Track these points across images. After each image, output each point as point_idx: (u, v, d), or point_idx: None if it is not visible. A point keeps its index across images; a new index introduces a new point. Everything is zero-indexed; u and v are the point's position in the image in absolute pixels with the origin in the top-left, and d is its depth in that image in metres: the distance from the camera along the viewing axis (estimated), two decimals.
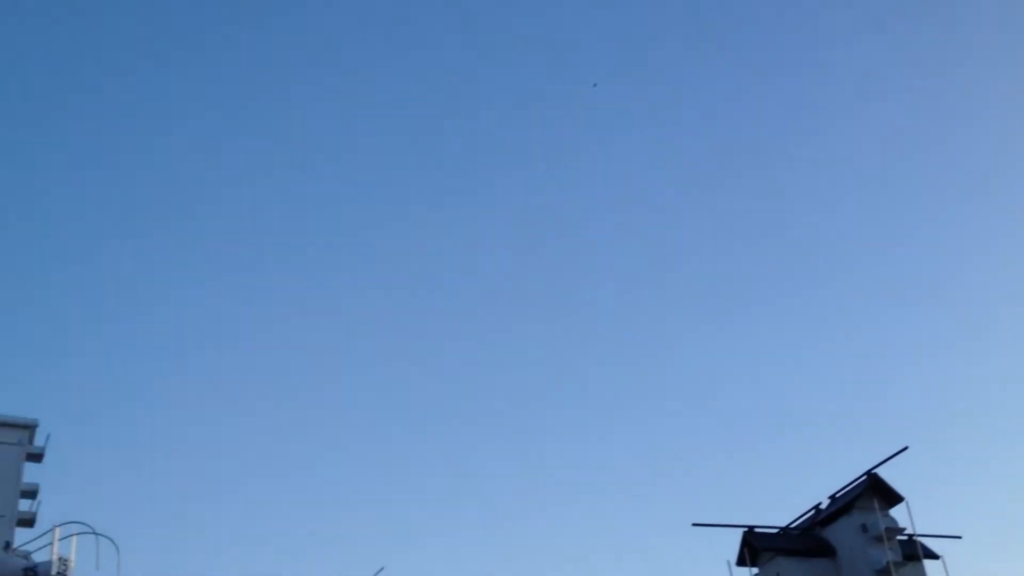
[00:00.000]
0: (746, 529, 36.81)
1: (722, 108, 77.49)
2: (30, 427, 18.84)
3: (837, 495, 37.20)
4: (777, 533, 37.58)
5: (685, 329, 77.41)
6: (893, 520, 35.50)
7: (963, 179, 79.30)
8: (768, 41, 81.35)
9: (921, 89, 78.70)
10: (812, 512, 37.79)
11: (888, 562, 34.17)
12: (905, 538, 35.65)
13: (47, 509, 18.44)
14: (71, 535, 15.18)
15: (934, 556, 35.88)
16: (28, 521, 17.88)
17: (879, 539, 34.84)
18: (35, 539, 16.33)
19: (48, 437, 18.90)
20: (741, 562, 36.51)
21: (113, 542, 13.20)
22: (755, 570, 36.28)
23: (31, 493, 18.83)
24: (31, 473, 19.40)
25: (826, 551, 36.26)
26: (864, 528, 35.22)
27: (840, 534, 36.23)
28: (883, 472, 35.84)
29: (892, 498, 35.85)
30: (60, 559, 14.71)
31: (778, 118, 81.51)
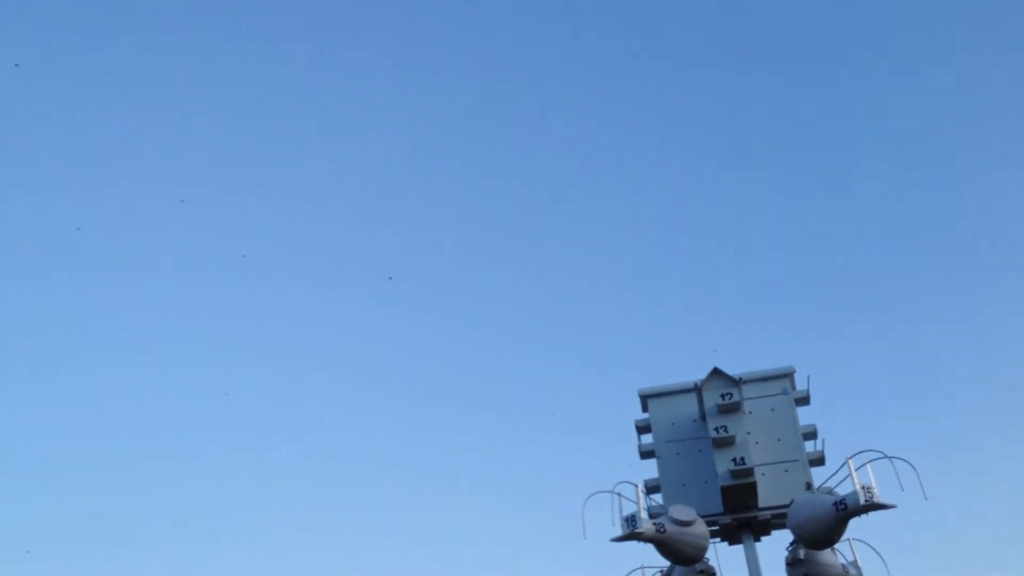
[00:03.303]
0: None
1: None
2: (788, 375, 18.14)
3: None
4: None
5: None
6: None
7: None
8: None
9: None
10: None
11: None
12: None
13: (830, 446, 17.49)
14: (864, 464, 13.89)
15: None
16: (817, 460, 17.00)
17: None
18: (831, 477, 15.39)
19: (808, 379, 18.16)
20: None
21: (909, 462, 11.72)
22: None
23: (810, 434, 17.99)
24: (804, 416, 18.72)
25: None
26: None
27: None
28: None
29: None
30: (863, 487, 13.43)
31: None
